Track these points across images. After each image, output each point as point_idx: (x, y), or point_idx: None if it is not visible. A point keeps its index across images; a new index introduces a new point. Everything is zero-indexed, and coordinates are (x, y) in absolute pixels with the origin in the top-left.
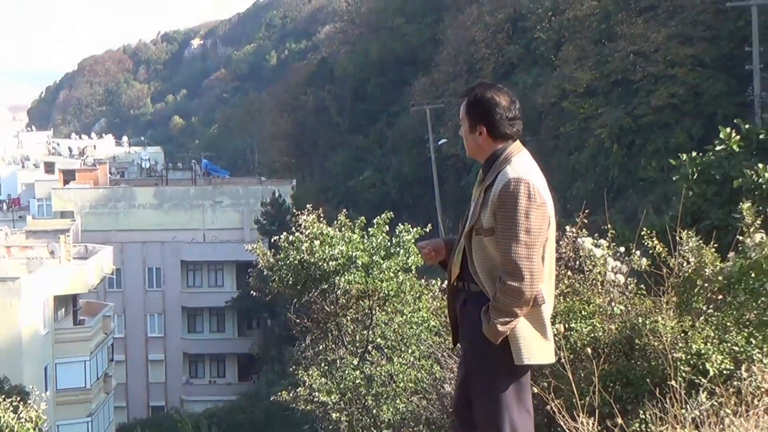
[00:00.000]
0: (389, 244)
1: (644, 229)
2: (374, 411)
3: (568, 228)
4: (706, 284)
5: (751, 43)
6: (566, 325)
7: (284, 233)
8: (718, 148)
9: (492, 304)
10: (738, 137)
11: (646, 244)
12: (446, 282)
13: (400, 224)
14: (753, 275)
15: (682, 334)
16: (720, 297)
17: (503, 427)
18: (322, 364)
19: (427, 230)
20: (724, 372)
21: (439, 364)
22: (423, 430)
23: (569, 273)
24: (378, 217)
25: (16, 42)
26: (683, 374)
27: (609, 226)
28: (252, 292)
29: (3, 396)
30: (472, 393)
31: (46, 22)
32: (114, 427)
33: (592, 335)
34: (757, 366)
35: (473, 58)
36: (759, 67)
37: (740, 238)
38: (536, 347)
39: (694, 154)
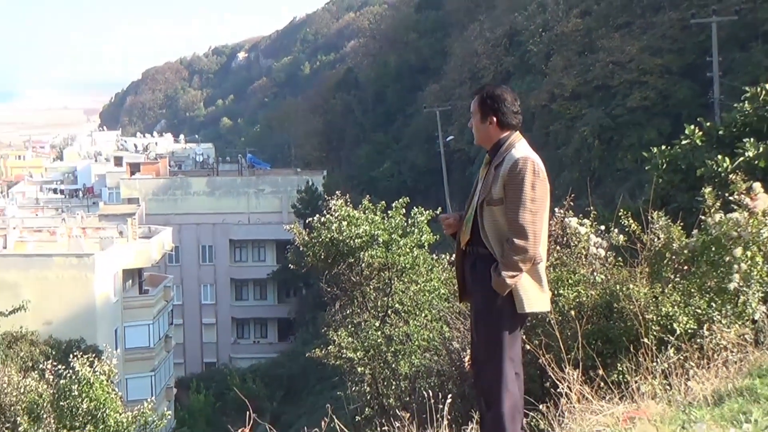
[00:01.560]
0: (406, 224)
1: (621, 210)
2: (393, 365)
3: (556, 210)
4: (674, 257)
5: (711, 54)
6: (555, 292)
7: (317, 215)
8: (683, 142)
9: (501, 261)
10: (701, 133)
11: (622, 223)
12: (455, 247)
13: (414, 208)
14: (713, 249)
15: (653, 299)
16: (685, 268)
17: (504, 363)
18: (349, 326)
19: (437, 213)
20: (689, 331)
21: (447, 325)
22: (434, 380)
23: (558, 248)
24: (396, 201)
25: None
26: (654, 333)
27: (591, 208)
28: (290, 265)
29: (81, 353)
30: (477, 336)
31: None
32: (173, 380)
33: (577, 300)
34: (717, 326)
35: (476, 68)
36: (718, 75)
37: (702, 218)
38: (535, 298)
39: (663, 147)
